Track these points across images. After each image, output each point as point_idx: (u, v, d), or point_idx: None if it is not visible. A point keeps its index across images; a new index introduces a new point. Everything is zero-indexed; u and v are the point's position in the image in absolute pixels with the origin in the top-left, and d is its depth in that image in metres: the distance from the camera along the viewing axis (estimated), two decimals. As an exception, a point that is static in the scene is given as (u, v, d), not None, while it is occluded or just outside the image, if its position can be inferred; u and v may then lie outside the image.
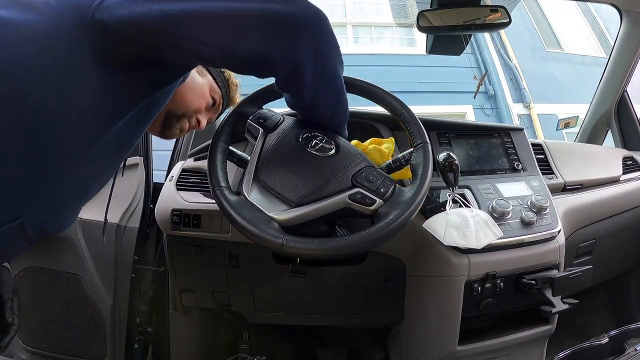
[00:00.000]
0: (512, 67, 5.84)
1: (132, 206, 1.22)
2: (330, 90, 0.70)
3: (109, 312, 1.16)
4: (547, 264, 1.03)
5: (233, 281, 1.12)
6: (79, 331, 1.18)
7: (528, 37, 6.19)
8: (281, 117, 0.83)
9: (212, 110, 0.94)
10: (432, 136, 1.13)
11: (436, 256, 0.98)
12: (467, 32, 1.15)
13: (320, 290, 1.15)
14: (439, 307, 1.02)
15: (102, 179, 0.76)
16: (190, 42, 0.58)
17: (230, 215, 0.71)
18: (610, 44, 1.50)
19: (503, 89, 5.65)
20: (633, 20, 1.36)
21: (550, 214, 1.04)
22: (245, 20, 0.58)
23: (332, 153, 0.77)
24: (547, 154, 1.27)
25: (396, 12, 6.57)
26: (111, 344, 1.18)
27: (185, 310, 1.22)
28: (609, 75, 1.50)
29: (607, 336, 0.96)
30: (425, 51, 1.32)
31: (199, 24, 0.57)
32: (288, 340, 1.50)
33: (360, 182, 0.74)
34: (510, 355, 1.10)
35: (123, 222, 1.16)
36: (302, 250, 0.67)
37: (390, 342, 1.35)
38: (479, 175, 1.12)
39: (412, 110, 0.84)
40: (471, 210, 0.94)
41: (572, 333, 1.38)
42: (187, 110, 0.87)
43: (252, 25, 0.58)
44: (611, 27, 5.68)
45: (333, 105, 0.74)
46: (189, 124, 0.89)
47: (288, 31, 0.59)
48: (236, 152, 0.84)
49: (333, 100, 0.73)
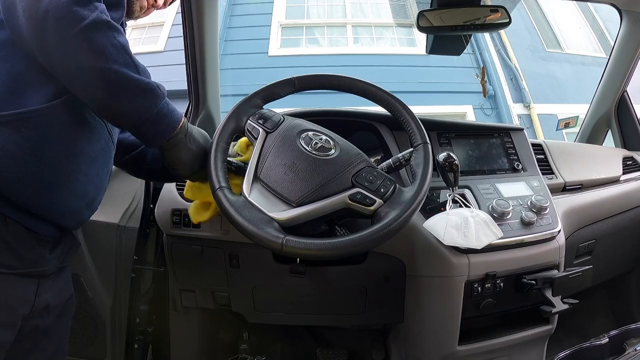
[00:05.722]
0: (512, 67, 5.83)
1: (132, 206, 1.22)
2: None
3: (109, 312, 1.16)
4: (547, 264, 1.03)
5: (233, 281, 1.12)
6: (79, 331, 1.18)
7: (528, 37, 6.19)
8: (281, 117, 0.83)
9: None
10: (432, 136, 1.13)
11: (436, 256, 0.98)
12: (467, 32, 1.15)
13: (320, 290, 1.15)
14: (439, 307, 1.02)
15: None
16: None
17: (231, 215, 0.71)
18: (610, 44, 1.50)
19: (503, 89, 5.65)
20: (633, 20, 1.36)
21: (550, 214, 1.04)
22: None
23: (332, 153, 0.77)
24: (547, 154, 1.27)
25: (396, 12, 6.57)
26: (111, 344, 1.18)
27: (185, 310, 1.22)
28: (609, 75, 1.50)
29: (607, 336, 0.96)
30: (425, 51, 1.32)
31: None
32: (288, 340, 1.50)
33: (360, 182, 0.74)
34: (510, 355, 1.10)
35: (123, 222, 1.16)
36: (302, 251, 0.68)
37: (390, 342, 1.35)
38: (479, 175, 1.12)
39: (412, 110, 0.84)
40: (471, 210, 0.94)
41: (572, 333, 1.38)
42: None
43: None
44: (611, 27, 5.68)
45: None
46: (147, 2, 0.88)
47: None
48: (233, 162, 0.84)
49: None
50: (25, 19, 0.61)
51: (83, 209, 0.78)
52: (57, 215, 0.73)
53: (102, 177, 0.81)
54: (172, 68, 4.40)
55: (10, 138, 0.64)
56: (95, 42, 0.62)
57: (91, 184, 0.78)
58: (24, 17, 0.61)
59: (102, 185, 0.82)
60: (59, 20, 0.60)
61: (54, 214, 0.73)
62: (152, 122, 0.70)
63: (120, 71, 0.64)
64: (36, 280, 0.74)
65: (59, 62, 0.63)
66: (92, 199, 0.80)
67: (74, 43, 0.61)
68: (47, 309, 0.77)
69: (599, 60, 5.53)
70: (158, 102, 0.69)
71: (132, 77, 0.65)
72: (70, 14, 0.60)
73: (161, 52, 5.53)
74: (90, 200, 0.79)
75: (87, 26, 0.61)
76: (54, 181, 0.70)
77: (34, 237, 0.71)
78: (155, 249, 1.21)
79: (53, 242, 0.76)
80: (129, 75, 0.65)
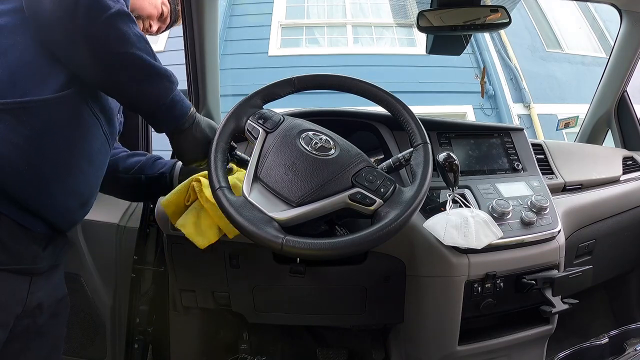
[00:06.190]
0: (512, 67, 5.83)
1: (132, 206, 1.22)
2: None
3: (109, 312, 1.16)
4: (547, 264, 1.03)
5: (233, 281, 1.12)
6: (79, 331, 1.18)
7: (528, 37, 6.18)
8: (281, 117, 0.83)
9: (161, 20, 1.14)
10: (432, 136, 1.13)
11: (436, 256, 0.98)
12: (467, 32, 1.15)
13: (320, 290, 1.15)
14: (439, 307, 1.02)
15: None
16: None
17: (231, 215, 0.71)
18: (610, 44, 1.50)
19: (503, 89, 5.64)
20: (633, 20, 1.36)
21: (550, 214, 1.04)
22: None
23: (332, 153, 0.77)
24: (547, 154, 1.27)
25: (396, 12, 6.56)
26: (111, 344, 1.18)
27: (185, 310, 1.22)
28: (609, 75, 1.50)
29: (607, 336, 0.96)
30: (425, 51, 1.32)
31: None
32: (288, 340, 1.50)
33: (360, 182, 0.74)
34: (510, 355, 1.10)
35: (123, 222, 1.16)
36: (302, 250, 0.68)
37: (390, 342, 1.35)
38: (479, 175, 1.12)
39: (412, 110, 0.84)
40: (471, 210, 0.94)
41: (572, 333, 1.38)
42: (141, 14, 1.07)
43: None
44: (611, 27, 5.68)
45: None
46: (143, 26, 1.09)
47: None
48: (236, 153, 0.84)
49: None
50: (54, 4, 0.64)
51: (77, 209, 0.79)
52: (51, 212, 0.73)
53: (97, 179, 0.82)
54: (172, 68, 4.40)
55: (11, 127, 0.64)
56: (121, 29, 0.67)
57: (87, 184, 0.78)
58: (52, 2, 0.64)
59: (96, 187, 0.83)
60: (88, 8, 0.64)
61: (49, 210, 0.73)
62: (167, 108, 0.74)
63: (142, 57, 0.69)
64: (28, 278, 0.74)
65: (84, 48, 0.66)
66: (87, 200, 0.80)
67: (103, 29, 0.65)
68: (40, 308, 0.77)
69: (599, 60, 5.53)
70: (173, 88, 0.75)
71: (153, 63, 0.70)
72: (98, 3, 0.65)
73: (161, 52, 5.54)
74: (84, 200, 0.79)
75: (113, 15, 0.66)
76: (53, 175, 0.70)
77: (27, 234, 0.71)
78: (155, 249, 1.21)
79: (46, 240, 0.76)
80: (150, 62, 0.70)
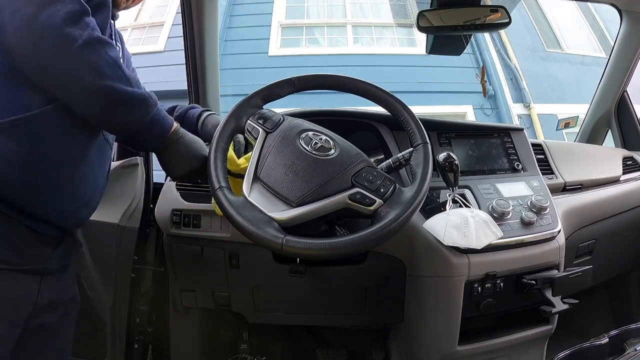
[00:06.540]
0: (512, 67, 5.83)
1: (132, 206, 1.22)
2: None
3: (109, 312, 1.16)
4: (547, 264, 1.03)
5: (233, 281, 1.12)
6: (79, 331, 1.18)
7: (528, 37, 6.18)
8: (281, 117, 0.83)
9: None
10: (432, 136, 1.13)
11: (436, 256, 0.98)
12: (467, 32, 1.15)
13: (320, 290, 1.15)
14: (439, 307, 1.02)
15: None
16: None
17: (231, 215, 0.71)
18: (610, 44, 1.50)
19: (503, 89, 5.64)
20: (633, 20, 1.36)
21: (550, 214, 1.04)
22: None
23: (332, 153, 0.77)
24: (547, 154, 1.27)
25: (396, 12, 6.56)
26: (111, 344, 1.18)
27: (185, 310, 1.22)
28: (609, 75, 1.50)
29: (607, 336, 0.96)
30: (425, 51, 1.32)
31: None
32: (288, 340, 1.50)
33: (360, 182, 0.74)
34: (510, 355, 1.10)
35: (123, 222, 1.16)
36: (302, 251, 0.68)
37: (390, 342, 1.34)
38: (479, 175, 1.12)
39: (412, 110, 0.84)
40: (471, 210, 0.94)
41: (572, 333, 1.38)
42: None
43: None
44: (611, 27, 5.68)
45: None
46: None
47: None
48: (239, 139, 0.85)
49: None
50: (17, 39, 0.62)
51: (81, 210, 0.80)
52: (55, 217, 0.75)
53: (98, 177, 0.82)
54: (172, 68, 4.40)
55: (5, 145, 0.66)
56: (89, 60, 0.64)
57: (87, 185, 0.79)
58: (15, 36, 0.62)
59: (98, 185, 0.83)
60: (51, 44, 0.62)
61: (53, 215, 0.75)
62: (145, 129, 0.73)
63: (114, 86, 0.67)
64: (38, 278, 0.76)
65: (54, 82, 0.66)
66: (89, 200, 0.81)
67: (70, 64, 0.63)
68: (51, 306, 0.79)
69: (599, 60, 5.53)
70: (150, 110, 0.73)
71: (126, 90, 0.68)
72: (63, 35, 0.62)
73: (161, 52, 5.54)
74: (87, 201, 0.80)
75: (80, 46, 0.63)
76: (51, 185, 0.72)
77: (36, 236, 0.73)
78: (155, 249, 1.21)
79: (55, 241, 0.78)
80: (122, 89, 0.68)
